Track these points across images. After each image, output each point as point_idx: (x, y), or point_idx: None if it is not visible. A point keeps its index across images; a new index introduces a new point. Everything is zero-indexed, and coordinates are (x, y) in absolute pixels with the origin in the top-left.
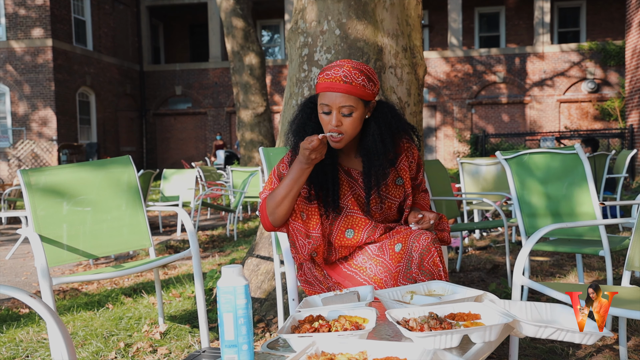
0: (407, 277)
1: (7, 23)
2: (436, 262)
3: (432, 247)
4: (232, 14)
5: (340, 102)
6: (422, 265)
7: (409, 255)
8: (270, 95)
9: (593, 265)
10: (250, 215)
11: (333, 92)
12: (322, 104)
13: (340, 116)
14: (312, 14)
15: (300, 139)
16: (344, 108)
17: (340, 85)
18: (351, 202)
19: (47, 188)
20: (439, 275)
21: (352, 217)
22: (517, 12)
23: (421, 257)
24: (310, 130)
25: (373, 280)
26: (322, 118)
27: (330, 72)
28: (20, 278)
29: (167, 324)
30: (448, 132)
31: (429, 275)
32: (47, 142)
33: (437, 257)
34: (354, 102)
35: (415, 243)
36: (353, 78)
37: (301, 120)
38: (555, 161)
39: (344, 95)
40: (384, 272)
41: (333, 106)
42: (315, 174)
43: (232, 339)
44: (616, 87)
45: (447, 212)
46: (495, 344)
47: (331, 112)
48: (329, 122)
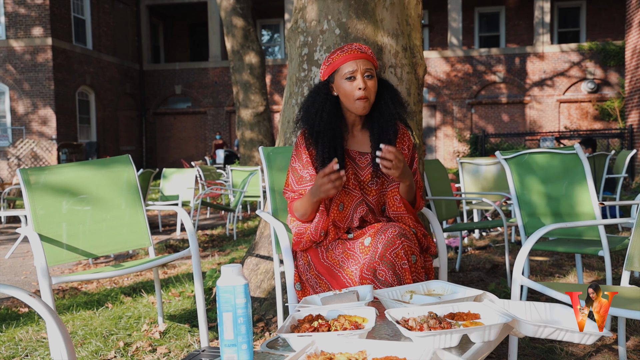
0: (369, 268)
1: (6, 22)
2: (399, 255)
3: (397, 240)
4: (232, 13)
5: (364, 65)
6: (384, 256)
7: (375, 247)
8: (270, 95)
9: (592, 265)
10: (250, 214)
11: (356, 59)
12: (347, 71)
13: (365, 79)
14: (312, 13)
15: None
16: (367, 71)
17: (359, 54)
18: (348, 178)
19: (46, 187)
20: (401, 268)
21: (346, 193)
22: (517, 12)
23: (384, 248)
24: (327, 112)
25: (346, 273)
26: (347, 87)
27: (344, 48)
28: (19, 277)
29: (166, 323)
30: (448, 131)
31: (390, 267)
32: (47, 141)
33: (402, 250)
34: (373, 67)
35: (382, 235)
36: (366, 49)
37: (317, 102)
38: (554, 161)
39: (365, 60)
40: (354, 265)
41: (358, 70)
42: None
43: (232, 338)
44: (616, 87)
45: (447, 211)
46: (494, 343)
47: (356, 78)
48: (356, 86)
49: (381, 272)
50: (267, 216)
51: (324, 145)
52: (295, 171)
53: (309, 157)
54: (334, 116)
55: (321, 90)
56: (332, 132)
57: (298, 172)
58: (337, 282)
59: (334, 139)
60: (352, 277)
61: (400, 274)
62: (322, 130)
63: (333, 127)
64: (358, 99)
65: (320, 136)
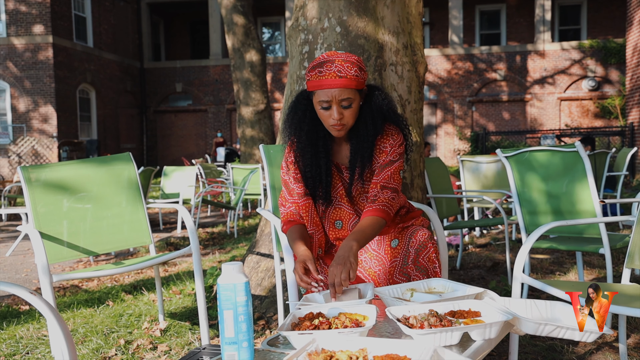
0: (402, 273)
1: (7, 19)
2: (432, 259)
3: (428, 242)
4: (233, 11)
5: (340, 95)
6: (418, 261)
7: (406, 251)
8: (271, 93)
9: (593, 263)
10: (251, 212)
11: (331, 89)
12: (321, 100)
13: (340, 109)
14: (312, 11)
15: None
16: (343, 101)
17: (336, 80)
18: (339, 194)
19: (47, 185)
20: (434, 272)
21: (339, 209)
22: (518, 9)
23: (417, 252)
24: (306, 128)
25: (368, 273)
26: (322, 113)
27: (322, 69)
28: (20, 275)
29: (167, 321)
30: (449, 129)
31: (423, 271)
32: (48, 139)
33: (433, 253)
34: (352, 93)
35: (412, 239)
36: (347, 72)
37: (297, 116)
38: (555, 159)
39: (341, 89)
40: (378, 266)
41: (333, 101)
42: (310, 168)
43: (232, 336)
44: (617, 85)
45: (448, 209)
46: (495, 341)
47: (331, 107)
48: (330, 116)
49: (415, 277)
50: (267, 214)
51: (306, 164)
52: (286, 184)
53: (296, 173)
54: (314, 131)
55: (301, 103)
56: (315, 149)
57: (289, 185)
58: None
59: (316, 156)
60: (375, 279)
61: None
62: (305, 147)
63: (315, 142)
64: (332, 125)
65: (303, 153)
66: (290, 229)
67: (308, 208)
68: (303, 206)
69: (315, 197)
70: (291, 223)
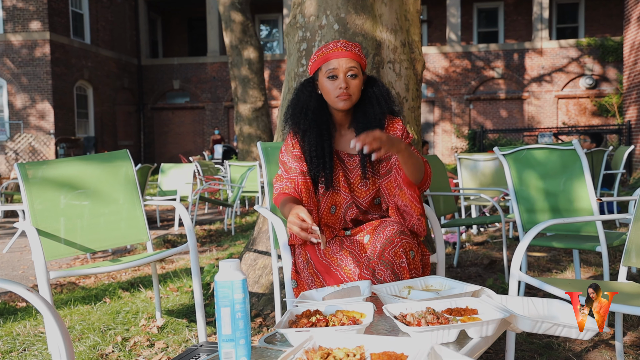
0: (368, 268)
1: (4, 16)
2: (398, 254)
3: (396, 237)
4: (231, 8)
5: (347, 64)
6: (383, 256)
7: (374, 246)
8: (269, 90)
9: (590, 261)
10: (248, 209)
11: (338, 58)
12: (329, 69)
13: (347, 78)
14: (310, 9)
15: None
16: (350, 70)
17: (343, 52)
18: (338, 179)
19: (44, 182)
20: (400, 267)
21: (337, 194)
22: (515, 7)
23: (383, 247)
24: (313, 106)
25: (344, 271)
26: (328, 85)
27: (329, 46)
28: (17, 272)
29: (164, 318)
30: (446, 127)
31: (388, 266)
32: (45, 135)
33: (400, 248)
34: (357, 67)
35: (380, 234)
36: (351, 47)
37: (303, 96)
38: (553, 157)
39: (348, 58)
40: (353, 263)
41: (340, 69)
42: (315, 147)
43: (230, 333)
44: (614, 83)
45: (445, 207)
46: (492, 339)
47: (337, 77)
48: (337, 85)
49: (380, 271)
50: (265, 211)
51: (310, 143)
52: (284, 164)
53: (299, 152)
54: (319, 114)
55: (305, 88)
56: (318, 130)
57: (287, 165)
58: (334, 280)
59: (320, 137)
60: (350, 275)
61: (398, 273)
62: (308, 129)
63: (319, 124)
64: (337, 96)
65: (307, 134)
66: (283, 199)
67: (306, 186)
68: (301, 183)
69: (316, 181)
70: (285, 194)
